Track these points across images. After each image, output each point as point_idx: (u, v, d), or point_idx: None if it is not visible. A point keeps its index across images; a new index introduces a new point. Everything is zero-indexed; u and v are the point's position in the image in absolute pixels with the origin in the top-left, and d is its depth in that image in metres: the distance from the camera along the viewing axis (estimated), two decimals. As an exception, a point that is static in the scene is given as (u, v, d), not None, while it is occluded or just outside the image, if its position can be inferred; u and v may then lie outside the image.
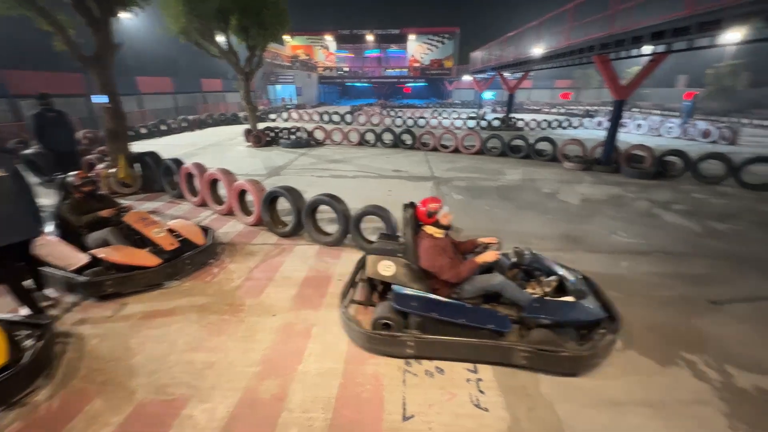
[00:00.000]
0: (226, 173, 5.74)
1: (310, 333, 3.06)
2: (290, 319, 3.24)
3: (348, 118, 20.77)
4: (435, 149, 11.88)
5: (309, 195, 5.15)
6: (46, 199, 5.53)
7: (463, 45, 39.08)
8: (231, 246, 4.74)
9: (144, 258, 3.69)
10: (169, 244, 3.95)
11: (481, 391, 2.52)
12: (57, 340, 2.88)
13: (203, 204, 6.26)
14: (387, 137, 13.00)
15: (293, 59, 37.56)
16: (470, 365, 2.72)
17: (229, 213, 5.83)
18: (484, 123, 18.65)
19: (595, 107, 27.92)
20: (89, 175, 4.06)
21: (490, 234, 5.00)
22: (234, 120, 21.02)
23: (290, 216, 5.11)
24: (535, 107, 31.04)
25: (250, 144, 12.98)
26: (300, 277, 3.96)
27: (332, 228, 5.10)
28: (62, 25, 5.91)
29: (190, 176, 6.40)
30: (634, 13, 7.86)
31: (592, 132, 16.81)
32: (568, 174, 8.84)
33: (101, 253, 3.61)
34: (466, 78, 27.24)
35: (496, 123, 18.72)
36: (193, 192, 6.47)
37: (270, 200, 5.06)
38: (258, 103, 23.69)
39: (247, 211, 5.60)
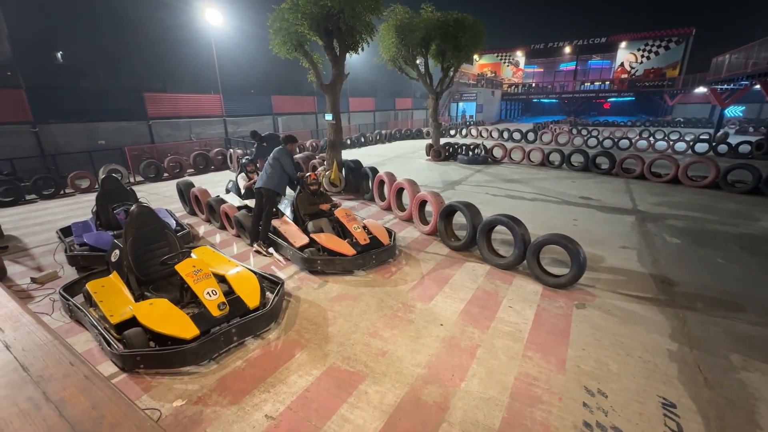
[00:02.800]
0: (412, 184, 6.31)
1: (475, 353, 3.02)
2: (456, 332, 3.29)
3: (530, 136, 19.56)
4: (641, 177, 9.86)
5: (484, 213, 5.09)
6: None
7: (697, 50, 30.75)
8: (407, 250, 5.19)
9: (345, 247, 4.42)
10: (363, 239, 4.59)
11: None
12: (285, 298, 3.83)
13: (388, 208, 7.08)
14: (576, 159, 11.59)
15: (479, 77, 38.17)
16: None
17: (409, 219, 6.37)
18: (723, 148, 14.15)
19: None
20: (316, 177, 5.23)
21: (726, 297, 3.77)
22: (418, 135, 22.99)
23: (464, 231, 5.21)
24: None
25: (429, 158, 13.90)
26: (468, 293, 3.98)
27: (505, 250, 4.91)
28: (316, 62, 7.88)
29: (381, 183, 7.35)
30: None
31: None
32: None
33: (317, 237, 4.59)
34: (699, 90, 21.25)
35: (744, 148, 13.91)
36: (382, 197, 7.40)
37: (447, 213, 5.27)
38: (440, 119, 25.27)
39: (424, 220, 5.99)
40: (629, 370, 2.80)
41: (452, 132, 24.15)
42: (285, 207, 5.45)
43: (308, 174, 5.24)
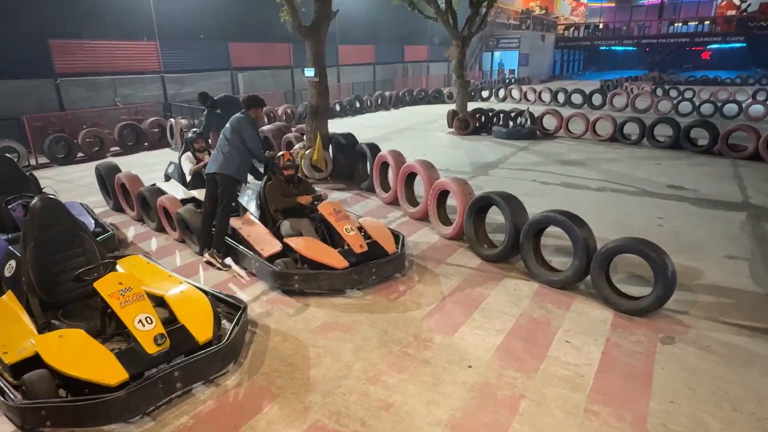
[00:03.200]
0: (428, 167, 6.34)
1: (518, 407, 3.02)
2: (490, 377, 3.29)
3: (596, 99, 19.47)
4: (755, 157, 9.85)
5: (531, 209, 5.11)
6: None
7: None
8: (421, 260, 5.21)
9: (333, 257, 4.43)
10: (359, 245, 4.60)
11: None
12: (248, 329, 3.84)
13: (394, 202, 7.13)
14: (662, 132, 11.56)
15: (523, 15, 38.07)
16: None
17: (423, 218, 6.41)
18: None
19: None
20: (292, 158, 5.24)
21: None
22: (436, 98, 23.05)
23: (501, 234, 5.22)
24: None
25: (452, 130, 13.93)
26: (508, 322, 3.99)
27: (560, 261, 4.90)
28: (291, -4, 7.89)
29: (384, 166, 7.37)
30: None
31: None
32: None
33: (293, 242, 4.60)
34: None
35: None
36: (385, 186, 7.44)
37: (478, 209, 5.29)
38: (467, 75, 25.18)
39: (445, 219, 6.02)
40: (737, 432, 2.79)
41: (484, 94, 24.17)
42: (248, 200, 5.46)
43: (281, 153, 5.26)
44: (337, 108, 18.61)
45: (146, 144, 12.79)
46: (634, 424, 2.85)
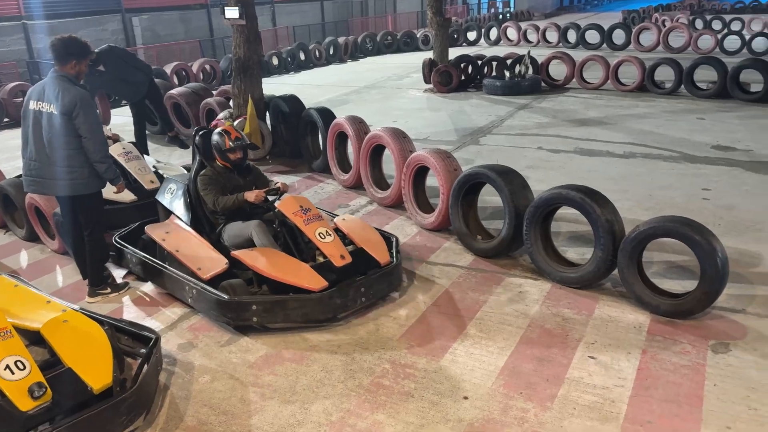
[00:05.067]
0: (399, 137, 6.37)
1: (533, 450, 3.06)
2: (494, 411, 3.32)
3: (617, 36, 19.83)
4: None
5: (533, 185, 5.16)
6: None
7: None
8: (396, 261, 5.21)
9: (306, 276, 4.15)
10: (339, 255, 4.34)
11: None
12: (162, 367, 3.75)
13: (357, 185, 7.13)
14: (704, 77, 11.87)
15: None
16: None
17: (396, 204, 6.44)
18: None
19: None
20: (240, 133, 4.91)
21: None
22: (408, 44, 23.05)
23: (500, 221, 5.26)
24: None
25: (430, 87, 13.95)
26: (514, 336, 4.03)
27: (578, 252, 4.97)
28: None
29: (341, 138, 7.36)
30: None
31: None
32: None
33: (246, 256, 4.28)
34: None
35: None
36: (344, 165, 7.44)
37: (468, 189, 5.32)
38: (448, 11, 25.16)
39: (425, 205, 6.06)
40: (811, 460, 2.91)
41: (471, 36, 24.28)
42: (171, 198, 5.26)
43: (221, 128, 4.94)
44: (275, 62, 18.40)
45: (6, 120, 12.38)
46: (682, 459, 2.93)
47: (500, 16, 30.44)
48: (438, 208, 5.72)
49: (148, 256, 4.86)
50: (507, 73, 13.38)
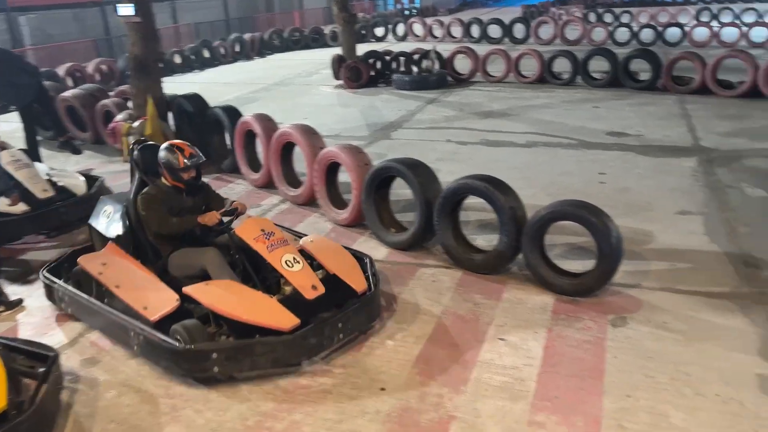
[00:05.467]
0: (308, 134, 6.35)
1: (448, 431, 3.13)
2: (411, 399, 3.37)
3: (518, 30, 20.50)
4: (703, 90, 11.04)
5: (443, 177, 5.28)
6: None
7: None
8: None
9: (275, 313, 3.63)
10: (310, 286, 3.86)
11: None
12: (63, 385, 3.54)
13: (268, 185, 7.04)
14: (598, 67, 12.49)
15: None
16: None
17: (310, 202, 6.41)
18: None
19: None
20: (194, 150, 4.26)
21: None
22: (316, 40, 22.88)
23: (412, 213, 5.33)
24: None
25: (341, 83, 13.93)
26: (428, 324, 4.11)
27: (487, 239, 5.13)
28: None
29: (249, 137, 7.24)
30: None
31: None
32: None
33: (203, 295, 3.69)
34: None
35: None
36: (254, 165, 7.32)
37: (379, 183, 5.36)
38: (354, 7, 25.02)
39: (338, 201, 6.06)
40: (703, 420, 3.11)
41: (379, 31, 24.38)
42: (108, 222, 4.65)
43: (171, 143, 4.31)
44: (178, 60, 17.84)
45: None
46: (586, 429, 3.07)
47: (405, 12, 30.77)
48: (351, 204, 5.73)
49: (81, 294, 4.22)
50: (415, 69, 13.57)
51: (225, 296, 3.69)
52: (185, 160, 4.13)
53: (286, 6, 29.61)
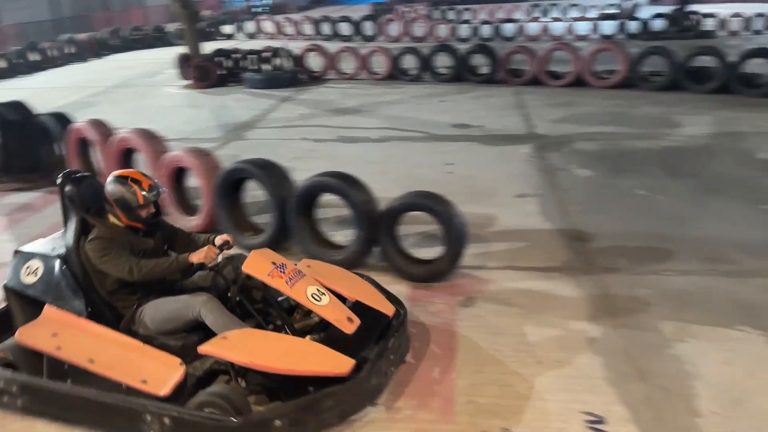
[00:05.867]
0: (148, 138, 6.08)
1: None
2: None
3: (367, 28, 20.88)
4: (536, 81, 11.86)
5: (300, 175, 5.28)
6: None
7: None
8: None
9: (328, 358, 3.06)
10: (346, 319, 3.34)
11: None
12: None
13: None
14: (443, 62, 13.04)
15: None
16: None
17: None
18: (634, 26, 18.34)
19: None
20: (155, 182, 3.53)
21: (653, 243, 4.97)
22: (159, 38, 21.84)
23: (268, 214, 5.29)
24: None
25: (189, 83, 13.43)
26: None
27: (345, 235, 5.21)
28: None
29: (84, 145, 6.80)
30: None
31: None
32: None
33: (235, 352, 3.02)
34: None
35: (658, 25, 18.35)
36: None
37: (230, 186, 5.25)
38: (200, 4, 24.18)
39: (188, 207, 5.88)
40: (542, 386, 3.38)
41: (227, 29, 23.76)
42: (38, 278, 3.62)
43: (124, 173, 3.50)
44: (2, 64, 16.35)
45: None
46: (442, 412, 3.21)
47: (254, 10, 30.24)
48: (202, 209, 5.56)
49: (43, 380, 3.25)
50: (265, 67, 13.41)
51: (261, 349, 3.04)
52: (144, 194, 3.35)
53: (125, 3, 27.91)
